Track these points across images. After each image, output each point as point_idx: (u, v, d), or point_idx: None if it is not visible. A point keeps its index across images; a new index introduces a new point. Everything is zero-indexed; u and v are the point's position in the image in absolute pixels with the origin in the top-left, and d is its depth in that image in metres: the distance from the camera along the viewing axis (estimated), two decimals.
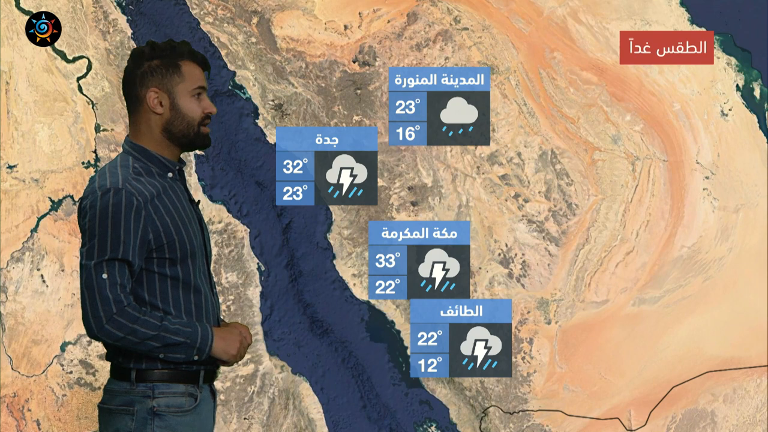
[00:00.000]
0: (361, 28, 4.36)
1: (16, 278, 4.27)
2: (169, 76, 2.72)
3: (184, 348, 2.60)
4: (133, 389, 2.62)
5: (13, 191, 4.29)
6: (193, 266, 2.68)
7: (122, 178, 2.61)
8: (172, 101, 2.72)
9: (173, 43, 2.75)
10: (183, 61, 2.74)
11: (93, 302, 2.54)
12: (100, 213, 2.56)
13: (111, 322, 2.53)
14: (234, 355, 2.69)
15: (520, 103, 4.36)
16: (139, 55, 2.74)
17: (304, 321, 4.35)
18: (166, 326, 2.58)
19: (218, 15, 4.34)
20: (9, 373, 4.27)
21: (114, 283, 2.54)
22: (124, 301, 2.54)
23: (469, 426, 4.36)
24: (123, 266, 2.56)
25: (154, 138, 2.73)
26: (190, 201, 2.79)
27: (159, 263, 2.63)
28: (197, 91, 2.74)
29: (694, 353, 4.37)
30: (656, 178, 4.36)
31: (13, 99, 4.28)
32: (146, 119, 2.74)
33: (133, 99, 2.75)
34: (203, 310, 2.70)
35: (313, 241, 4.35)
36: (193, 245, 2.68)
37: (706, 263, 4.36)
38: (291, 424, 4.34)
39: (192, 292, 2.68)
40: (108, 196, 2.57)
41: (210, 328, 2.66)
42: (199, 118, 2.74)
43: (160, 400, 2.62)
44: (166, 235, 2.62)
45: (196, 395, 2.67)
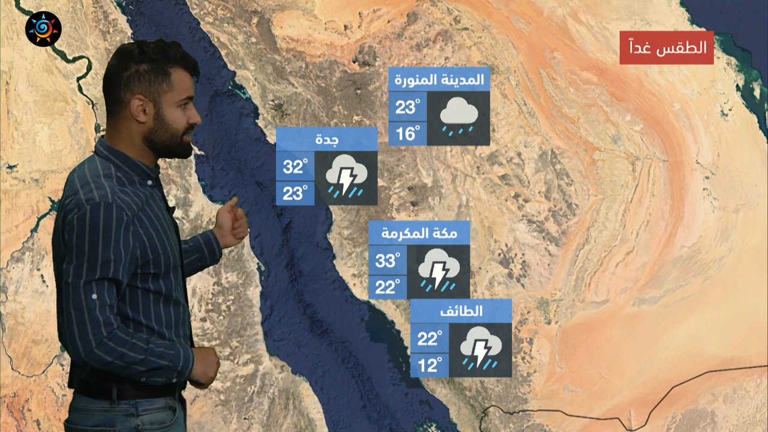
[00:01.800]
0: (361, 28, 4.36)
1: (16, 278, 4.27)
2: (157, 83, 2.54)
3: (165, 371, 2.51)
4: (113, 408, 2.51)
5: (13, 191, 4.29)
6: (174, 278, 2.59)
7: (110, 190, 2.46)
8: (157, 111, 2.55)
9: (165, 45, 2.57)
10: (173, 68, 2.56)
11: (81, 324, 2.41)
12: (90, 229, 2.43)
13: (101, 346, 2.42)
14: (211, 377, 2.62)
15: (520, 103, 4.36)
16: (127, 56, 2.55)
17: (304, 321, 4.35)
18: (152, 349, 2.48)
19: (218, 15, 4.34)
20: (9, 373, 4.27)
21: (104, 305, 2.42)
22: (114, 324, 2.43)
23: (469, 426, 4.36)
24: (112, 286, 2.44)
25: (134, 145, 2.57)
26: (167, 208, 2.68)
27: (143, 279, 2.52)
28: (184, 101, 2.58)
29: (694, 353, 4.37)
30: (656, 178, 4.36)
31: (13, 99, 4.28)
32: (127, 125, 2.56)
33: (114, 101, 2.56)
34: (181, 323, 2.63)
35: (313, 241, 4.35)
36: (175, 258, 2.59)
37: (706, 263, 4.36)
38: (291, 424, 4.34)
39: (172, 305, 2.59)
40: (98, 212, 2.43)
41: (191, 351, 2.57)
42: (183, 128, 2.59)
43: (144, 417, 2.52)
44: (152, 250, 2.52)
45: (174, 407, 2.60)
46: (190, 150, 2.64)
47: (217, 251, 2.97)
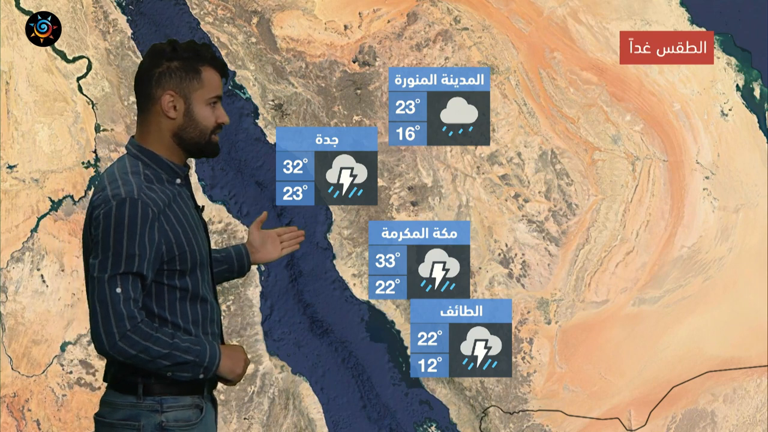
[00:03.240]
0: (361, 28, 4.36)
1: (16, 278, 4.27)
2: (188, 80, 2.60)
3: (192, 366, 2.54)
4: (139, 403, 2.55)
5: (13, 191, 4.29)
6: (201, 276, 2.62)
7: (137, 186, 2.51)
8: (187, 107, 2.61)
9: (196, 45, 2.63)
10: (204, 66, 2.62)
11: (106, 317, 2.45)
12: (115, 224, 2.47)
13: (124, 339, 2.46)
14: (239, 374, 2.64)
15: (520, 103, 4.36)
16: (159, 53, 2.61)
17: (304, 321, 4.35)
18: (177, 344, 2.51)
19: (218, 15, 4.34)
20: (9, 373, 4.27)
21: (128, 298, 2.46)
22: (138, 317, 2.47)
23: (469, 426, 4.36)
24: (137, 280, 2.48)
25: (164, 142, 2.62)
26: (195, 207, 2.71)
27: (169, 275, 2.55)
28: (213, 99, 2.64)
29: (694, 353, 4.37)
30: (656, 178, 4.36)
31: (13, 99, 4.28)
32: (157, 122, 2.61)
33: (145, 98, 2.62)
34: (208, 320, 2.65)
35: (313, 241, 4.35)
36: (201, 255, 2.61)
37: (706, 263, 4.36)
38: (291, 424, 4.34)
39: (199, 303, 2.62)
40: (124, 207, 2.47)
41: (218, 347, 2.60)
42: (212, 127, 2.64)
43: (168, 414, 2.55)
44: (178, 246, 2.55)
45: (201, 406, 2.62)
46: (218, 149, 2.69)
47: (246, 265, 3.00)
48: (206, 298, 2.64)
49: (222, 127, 2.67)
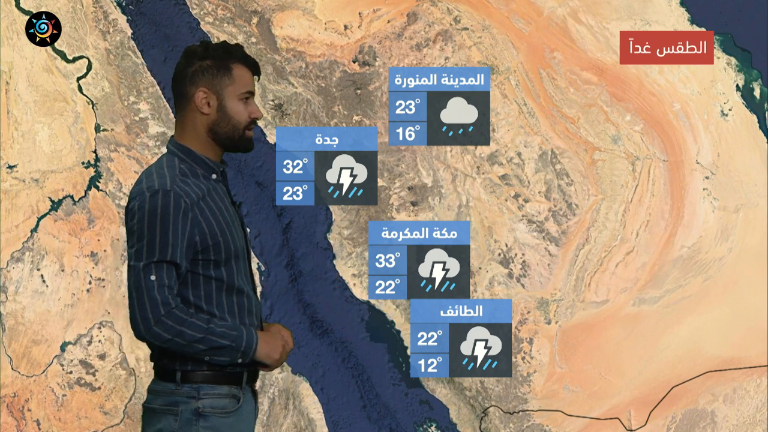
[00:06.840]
0: (361, 28, 4.36)
1: (16, 278, 4.27)
2: (219, 77, 2.73)
3: (229, 351, 2.63)
4: (177, 390, 2.65)
5: (13, 191, 4.29)
6: (236, 267, 2.71)
7: (170, 179, 2.63)
8: (220, 102, 2.73)
9: (227, 45, 2.76)
10: (235, 63, 2.75)
11: (141, 304, 2.56)
12: (149, 215, 2.58)
13: (159, 323, 2.56)
14: (277, 359, 2.73)
15: (520, 103, 4.36)
16: (192, 54, 2.75)
17: (304, 321, 4.36)
18: (213, 329, 2.60)
19: (218, 15, 4.34)
20: (9, 373, 4.28)
21: (162, 285, 2.56)
22: (172, 303, 2.57)
23: (469, 426, 4.36)
24: (171, 268, 2.59)
25: (199, 138, 2.74)
26: (232, 203, 2.82)
27: (204, 265, 2.65)
28: (245, 95, 2.75)
29: (694, 353, 4.37)
30: (656, 178, 4.36)
31: (13, 99, 4.28)
32: (192, 118, 2.74)
33: (181, 97, 2.75)
34: (246, 311, 2.73)
35: (313, 241, 4.35)
36: (236, 246, 2.70)
37: (706, 263, 4.36)
38: (291, 424, 4.34)
39: (235, 294, 2.70)
40: (157, 198, 2.59)
41: (255, 332, 2.68)
42: (245, 122, 2.75)
43: (204, 401, 2.65)
44: (212, 237, 2.64)
45: (239, 396, 2.70)
46: (252, 144, 2.81)
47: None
48: (243, 289, 2.73)
49: (255, 122, 2.79)
